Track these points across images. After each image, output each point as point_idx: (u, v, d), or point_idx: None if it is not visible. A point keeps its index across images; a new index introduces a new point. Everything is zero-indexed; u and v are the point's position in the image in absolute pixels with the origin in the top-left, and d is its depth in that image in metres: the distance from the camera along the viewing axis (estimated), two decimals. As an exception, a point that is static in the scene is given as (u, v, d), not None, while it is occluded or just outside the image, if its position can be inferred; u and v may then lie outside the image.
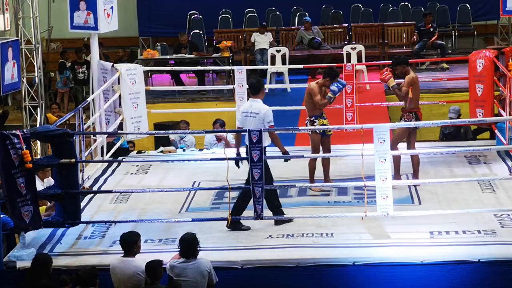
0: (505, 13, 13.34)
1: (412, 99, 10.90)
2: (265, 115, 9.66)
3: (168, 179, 11.69)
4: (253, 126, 9.57)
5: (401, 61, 11.10)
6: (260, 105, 9.78)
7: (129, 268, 8.22)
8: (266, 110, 9.72)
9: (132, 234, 8.42)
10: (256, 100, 9.84)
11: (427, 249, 8.84)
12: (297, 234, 9.40)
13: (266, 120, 9.65)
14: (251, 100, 9.89)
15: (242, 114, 9.88)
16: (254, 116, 9.71)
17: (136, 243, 8.35)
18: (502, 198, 10.30)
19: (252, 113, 9.74)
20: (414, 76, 10.95)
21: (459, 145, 12.61)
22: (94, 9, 12.56)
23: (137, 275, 8.19)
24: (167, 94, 17.65)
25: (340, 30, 20.40)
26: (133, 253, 8.33)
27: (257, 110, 9.71)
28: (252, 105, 9.81)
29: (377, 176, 9.12)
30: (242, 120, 9.87)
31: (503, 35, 20.66)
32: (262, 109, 9.72)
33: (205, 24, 21.15)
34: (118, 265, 8.30)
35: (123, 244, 8.36)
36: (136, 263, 8.25)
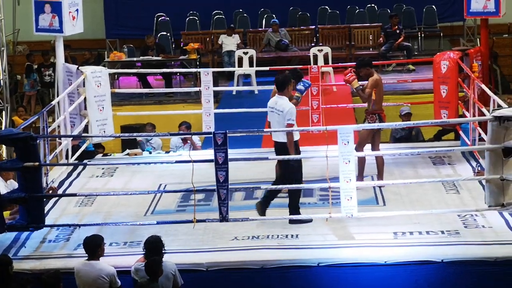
0: (469, 14, 13.42)
1: (376, 100, 10.98)
2: (287, 113, 9.73)
3: (134, 181, 11.68)
4: (276, 122, 9.80)
5: (365, 63, 11.17)
6: (284, 103, 9.84)
7: (93, 272, 8.20)
8: (289, 108, 9.79)
9: (96, 238, 8.40)
10: (281, 97, 9.90)
11: (391, 250, 8.89)
12: (262, 235, 9.43)
13: (287, 117, 9.73)
14: (277, 97, 9.95)
15: (269, 109, 10.02)
16: (278, 114, 9.81)
17: (100, 246, 8.32)
18: (466, 199, 10.38)
19: (277, 110, 9.84)
20: (378, 78, 11.02)
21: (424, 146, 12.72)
22: (59, 12, 12.52)
23: (101, 278, 8.17)
24: (134, 96, 17.61)
25: (307, 32, 20.48)
26: (97, 256, 8.30)
27: (282, 108, 9.79)
28: (278, 102, 9.88)
29: (341, 178, 9.16)
30: (269, 115, 10.03)
31: (469, 36, 20.83)
32: (286, 107, 9.79)
33: (172, 26, 21.15)
34: (82, 268, 8.27)
35: (86, 248, 8.34)
36: (100, 266, 8.23)
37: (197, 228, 9.41)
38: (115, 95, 16.26)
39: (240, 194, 10.84)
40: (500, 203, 9.18)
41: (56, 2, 12.52)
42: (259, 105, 15.24)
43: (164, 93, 17.44)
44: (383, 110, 11.10)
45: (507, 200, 9.18)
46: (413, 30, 20.89)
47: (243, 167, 11.50)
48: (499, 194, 9.15)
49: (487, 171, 9.22)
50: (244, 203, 10.60)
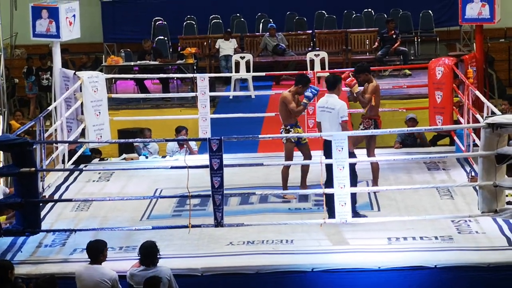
0: (464, 21, 13.47)
1: (374, 106, 11.06)
2: (339, 110, 9.85)
3: (130, 186, 11.73)
4: (328, 121, 9.91)
5: (364, 68, 11.26)
6: (335, 101, 9.96)
7: (95, 275, 8.24)
8: (341, 105, 9.90)
9: (98, 243, 8.44)
10: (332, 96, 10.02)
11: (384, 255, 8.96)
12: (257, 241, 9.49)
13: (340, 115, 9.83)
14: (327, 96, 10.06)
15: (319, 109, 10.12)
16: (330, 111, 9.90)
17: (102, 252, 8.37)
18: (460, 204, 10.44)
19: (328, 108, 9.94)
20: (377, 84, 11.11)
21: (418, 151, 12.79)
22: (56, 18, 12.60)
23: (104, 282, 8.21)
24: (131, 100, 17.66)
25: (304, 36, 20.53)
26: (99, 261, 8.35)
27: (333, 106, 9.89)
28: (328, 101, 9.99)
29: (335, 183, 9.23)
30: (319, 115, 10.10)
31: (466, 41, 20.90)
32: (337, 104, 9.90)
33: (169, 30, 21.20)
34: (84, 272, 8.31)
35: (89, 252, 8.38)
36: (103, 271, 8.28)
37: (192, 233, 9.47)
38: (113, 100, 16.33)
39: (236, 199, 10.89)
40: (493, 209, 9.24)
41: (53, 8, 12.60)
42: (256, 110, 15.40)
43: (161, 98, 17.48)
44: (379, 116, 11.17)
45: (500, 206, 9.25)
46: (410, 35, 20.93)
47: (239, 172, 11.55)
48: (492, 200, 9.22)
49: (480, 178, 9.28)
50: (240, 208, 10.67)
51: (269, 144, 13.59)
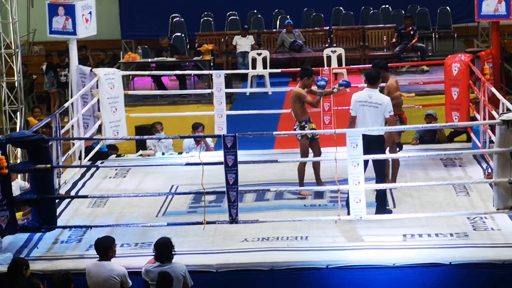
0: (480, 17, 13.45)
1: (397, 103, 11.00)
2: (387, 105, 9.80)
3: (146, 183, 11.77)
4: (372, 115, 9.82)
5: (381, 65, 11.20)
6: (380, 96, 9.92)
7: (104, 272, 8.29)
8: (388, 100, 9.87)
9: (107, 239, 8.49)
10: (374, 90, 9.94)
11: (399, 252, 8.94)
12: (272, 237, 9.50)
13: (388, 110, 9.79)
14: (369, 90, 9.96)
15: (358, 103, 9.96)
16: (376, 107, 9.83)
17: (111, 248, 8.41)
18: (475, 201, 10.40)
19: (373, 103, 9.85)
20: (394, 80, 11.10)
21: (434, 148, 12.75)
22: (72, 15, 12.66)
23: (112, 278, 8.26)
24: (148, 97, 17.70)
25: (321, 33, 20.51)
26: (108, 257, 8.40)
27: (380, 101, 9.84)
28: (372, 95, 9.90)
29: (350, 180, 9.22)
30: (357, 109, 9.97)
31: (483, 37, 20.79)
32: (384, 99, 9.86)
33: (187, 27, 21.23)
34: (93, 268, 8.37)
35: (97, 249, 8.44)
36: (112, 267, 8.33)
37: (207, 229, 9.50)
38: (129, 96, 16.39)
39: (251, 195, 10.90)
40: (509, 206, 9.21)
41: (69, 5, 12.66)
42: (273, 106, 15.39)
43: (178, 94, 17.51)
44: (403, 111, 11.16)
45: (516, 203, 9.22)
46: (427, 31, 20.87)
47: (254, 169, 11.57)
48: (507, 197, 9.19)
49: (496, 174, 9.25)
50: (255, 205, 10.67)
51: (285, 140, 13.59)
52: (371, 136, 9.65)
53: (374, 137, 9.67)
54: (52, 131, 11.47)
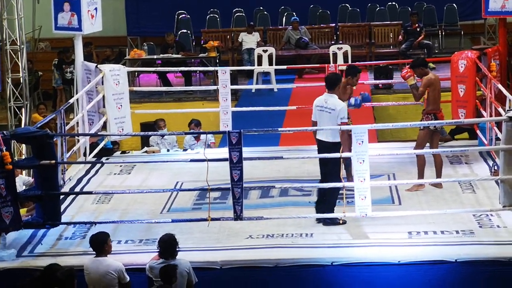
0: (487, 14, 13.37)
1: (430, 100, 10.92)
2: (340, 111, 9.66)
3: (151, 179, 11.75)
4: (327, 121, 9.66)
5: (419, 62, 11.16)
6: (336, 101, 9.76)
7: (101, 268, 8.27)
8: (341, 106, 9.72)
9: (101, 234, 8.46)
10: (332, 95, 9.81)
11: (404, 249, 8.90)
12: (277, 234, 9.47)
13: (340, 116, 9.66)
14: (327, 95, 9.83)
15: (316, 108, 9.86)
16: (330, 112, 9.71)
17: (105, 243, 8.38)
18: (481, 199, 10.36)
19: (328, 108, 9.73)
20: (433, 78, 10.94)
21: (440, 145, 12.67)
22: (78, 10, 12.62)
23: (109, 274, 8.23)
24: (154, 93, 17.70)
25: (327, 30, 20.49)
26: (104, 253, 8.36)
27: (334, 106, 9.70)
28: (328, 100, 9.77)
29: (355, 177, 9.18)
30: (316, 114, 9.87)
31: (490, 35, 20.73)
32: (338, 105, 9.71)
33: (193, 24, 21.22)
34: (90, 265, 8.34)
35: (93, 245, 8.42)
36: (108, 262, 8.30)
37: (212, 226, 9.47)
38: (135, 93, 16.40)
39: (256, 192, 10.87)
40: (515, 203, 9.17)
41: (75, 1, 12.62)
42: (278, 103, 15.37)
43: (184, 91, 17.49)
44: (440, 109, 10.99)
45: (522, 200, 9.18)
46: (434, 28, 20.83)
47: (259, 165, 11.55)
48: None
49: (502, 171, 9.21)
50: (260, 202, 10.65)
51: (291, 137, 13.55)
52: (327, 143, 9.64)
53: (329, 144, 9.63)
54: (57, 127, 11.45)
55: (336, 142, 9.59)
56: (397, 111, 16.12)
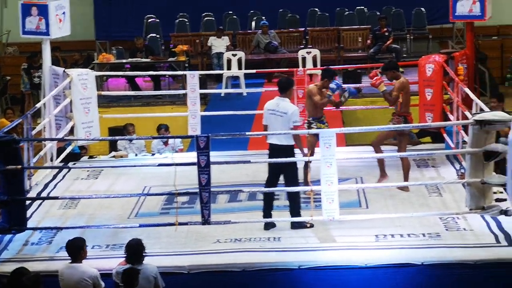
0: (454, 18, 13.49)
1: (403, 103, 11.02)
2: (292, 114, 9.68)
3: (118, 184, 11.70)
4: (280, 125, 9.66)
5: (392, 65, 11.26)
6: (287, 105, 9.78)
7: (76, 274, 8.21)
8: (293, 110, 9.75)
9: (78, 240, 8.41)
10: (283, 99, 9.83)
11: (371, 252, 8.93)
12: (244, 238, 9.47)
13: (292, 119, 9.68)
14: (278, 99, 9.85)
15: (268, 112, 9.85)
16: (282, 115, 9.71)
17: (82, 249, 8.33)
18: (448, 202, 10.41)
19: (279, 112, 9.73)
20: (404, 81, 11.06)
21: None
22: (45, 15, 12.56)
23: (84, 280, 8.18)
24: (122, 98, 17.63)
25: (297, 34, 20.53)
26: (79, 259, 8.32)
27: (285, 110, 9.71)
28: (280, 104, 9.78)
29: (323, 181, 9.20)
30: (268, 118, 9.86)
31: (458, 39, 20.87)
32: (290, 108, 9.73)
33: (162, 28, 21.17)
34: (65, 271, 8.28)
35: (69, 251, 8.35)
36: (83, 269, 8.25)
37: (180, 231, 9.45)
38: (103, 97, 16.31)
39: (224, 196, 10.86)
40: (481, 206, 9.24)
41: (42, 5, 12.56)
42: (248, 107, 15.35)
43: (153, 95, 17.45)
44: (410, 113, 11.12)
45: (488, 203, 9.26)
46: (402, 32, 20.94)
47: (227, 169, 11.53)
48: (479, 197, 9.22)
49: (468, 175, 9.27)
50: (228, 206, 10.65)
51: (260, 141, 13.48)
52: (280, 146, 9.64)
53: (282, 147, 9.63)
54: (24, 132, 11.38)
55: (289, 145, 9.61)
56: (365, 115, 16.18)
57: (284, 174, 9.76)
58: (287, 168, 9.69)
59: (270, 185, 9.81)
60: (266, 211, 9.85)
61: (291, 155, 9.67)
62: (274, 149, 9.74)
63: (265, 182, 9.91)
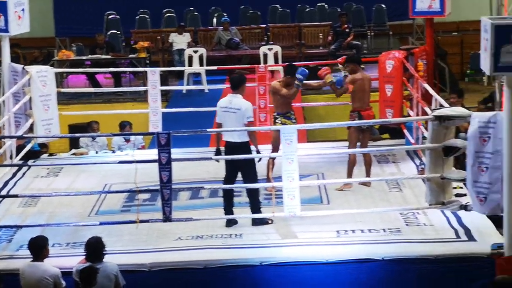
0: (414, 14, 13.57)
1: (354, 98, 11.12)
2: (246, 110, 9.66)
3: (79, 182, 11.62)
4: (233, 122, 9.63)
5: (353, 59, 11.40)
6: (240, 101, 9.74)
7: (37, 273, 8.15)
8: (247, 106, 9.72)
9: (40, 239, 8.35)
10: (236, 96, 9.79)
11: (332, 248, 8.96)
12: (206, 235, 9.45)
13: (246, 115, 9.65)
14: (231, 96, 9.82)
15: (221, 109, 9.83)
16: (235, 112, 9.68)
17: (44, 247, 8.27)
18: (408, 197, 10.48)
19: (233, 109, 9.70)
20: (358, 77, 11.16)
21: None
22: (4, 12, 12.38)
23: (45, 279, 8.12)
24: (83, 95, 17.51)
25: (258, 30, 20.52)
26: (41, 258, 8.26)
27: (238, 106, 9.68)
28: (232, 101, 9.75)
29: (284, 177, 9.21)
30: (221, 115, 9.83)
31: (418, 35, 21.00)
32: (243, 105, 9.70)
33: (122, 24, 21.06)
34: (27, 269, 8.23)
35: (31, 249, 8.29)
36: (45, 268, 8.19)
37: (141, 228, 9.40)
38: (64, 94, 16.21)
39: (186, 193, 10.85)
40: (441, 201, 9.31)
41: (1, 2, 12.38)
42: (209, 104, 15.24)
43: (113, 92, 17.35)
44: (367, 108, 11.18)
45: (448, 199, 9.33)
46: (363, 28, 21.03)
47: (189, 166, 11.51)
48: (439, 193, 9.29)
49: (428, 170, 9.34)
50: (189, 203, 10.63)
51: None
52: (235, 143, 9.66)
53: (237, 144, 9.65)
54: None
55: (245, 142, 9.62)
56: (326, 111, 16.22)
57: (242, 171, 9.77)
58: (245, 165, 9.69)
59: (228, 182, 9.82)
60: (227, 208, 9.84)
61: (247, 152, 9.67)
62: (230, 147, 9.75)
63: (223, 180, 9.90)
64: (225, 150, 9.87)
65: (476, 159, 8.77)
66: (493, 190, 8.69)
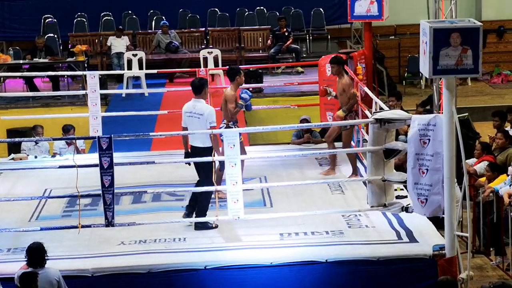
0: (353, 18, 13.73)
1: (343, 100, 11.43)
2: (208, 115, 9.63)
3: (19, 187, 11.47)
4: (197, 126, 9.63)
5: (338, 61, 11.48)
6: (203, 106, 9.74)
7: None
8: (209, 110, 9.69)
9: None
10: (199, 101, 9.78)
11: (276, 251, 9.01)
12: (149, 240, 9.42)
13: (209, 120, 9.62)
14: (194, 100, 9.80)
15: (185, 114, 9.82)
16: (198, 117, 9.68)
17: None
18: (350, 199, 10.59)
19: (196, 114, 9.70)
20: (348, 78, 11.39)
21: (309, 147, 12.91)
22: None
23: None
24: (20, 99, 17.28)
25: (197, 34, 20.47)
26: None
27: (201, 111, 9.67)
28: (196, 106, 9.74)
29: (228, 181, 9.22)
30: (186, 120, 9.82)
31: (356, 38, 21.19)
32: (205, 109, 9.68)
33: (60, 28, 20.80)
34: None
35: None
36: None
37: (82, 233, 9.32)
38: (1, 98, 15.98)
39: (128, 198, 10.78)
40: (382, 203, 9.41)
41: None
42: (149, 108, 15.27)
43: (52, 96, 17.14)
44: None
45: (389, 200, 9.43)
46: (302, 32, 21.12)
47: (131, 170, 11.41)
48: (381, 195, 9.38)
49: (369, 172, 9.44)
50: (132, 207, 10.58)
51: (163, 142, 13.52)
52: (198, 148, 9.69)
53: (200, 149, 9.67)
54: None
55: (207, 147, 9.62)
56: (267, 114, 16.27)
57: (200, 174, 9.77)
58: (203, 169, 9.69)
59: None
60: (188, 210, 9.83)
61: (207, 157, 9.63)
62: (193, 152, 9.76)
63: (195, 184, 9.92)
64: (190, 154, 9.86)
65: (416, 161, 8.90)
66: (433, 191, 8.83)
